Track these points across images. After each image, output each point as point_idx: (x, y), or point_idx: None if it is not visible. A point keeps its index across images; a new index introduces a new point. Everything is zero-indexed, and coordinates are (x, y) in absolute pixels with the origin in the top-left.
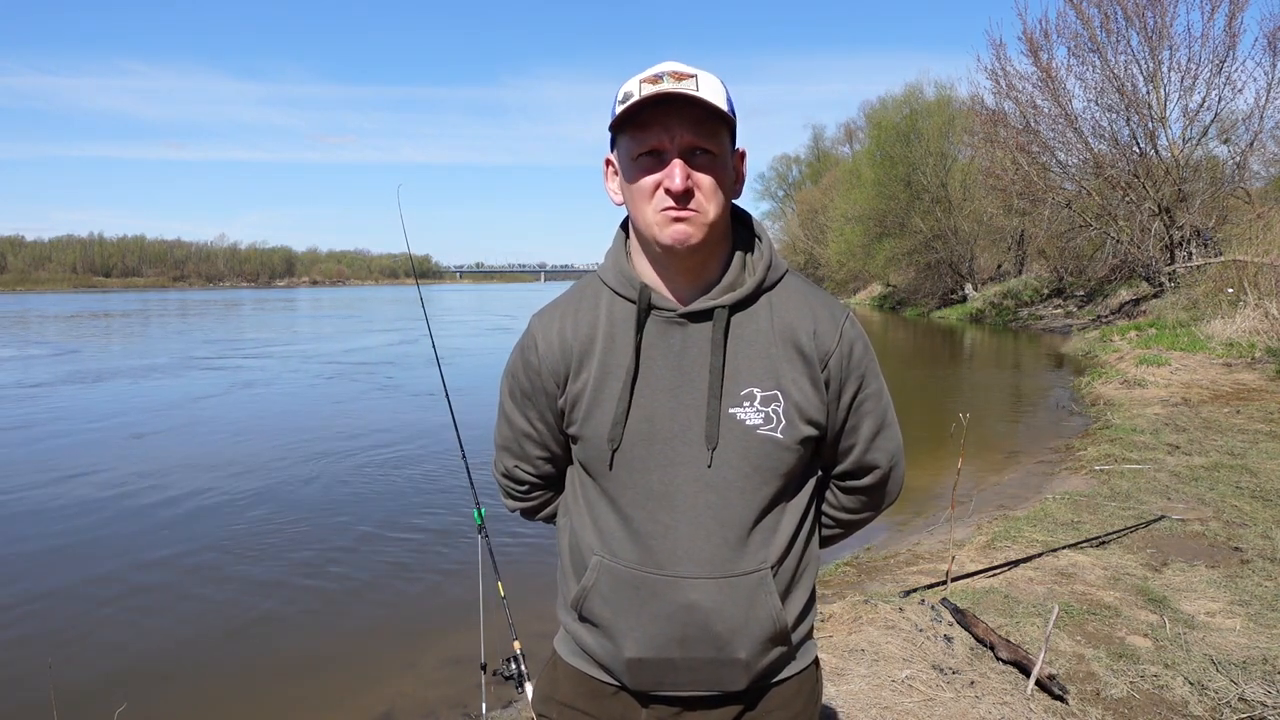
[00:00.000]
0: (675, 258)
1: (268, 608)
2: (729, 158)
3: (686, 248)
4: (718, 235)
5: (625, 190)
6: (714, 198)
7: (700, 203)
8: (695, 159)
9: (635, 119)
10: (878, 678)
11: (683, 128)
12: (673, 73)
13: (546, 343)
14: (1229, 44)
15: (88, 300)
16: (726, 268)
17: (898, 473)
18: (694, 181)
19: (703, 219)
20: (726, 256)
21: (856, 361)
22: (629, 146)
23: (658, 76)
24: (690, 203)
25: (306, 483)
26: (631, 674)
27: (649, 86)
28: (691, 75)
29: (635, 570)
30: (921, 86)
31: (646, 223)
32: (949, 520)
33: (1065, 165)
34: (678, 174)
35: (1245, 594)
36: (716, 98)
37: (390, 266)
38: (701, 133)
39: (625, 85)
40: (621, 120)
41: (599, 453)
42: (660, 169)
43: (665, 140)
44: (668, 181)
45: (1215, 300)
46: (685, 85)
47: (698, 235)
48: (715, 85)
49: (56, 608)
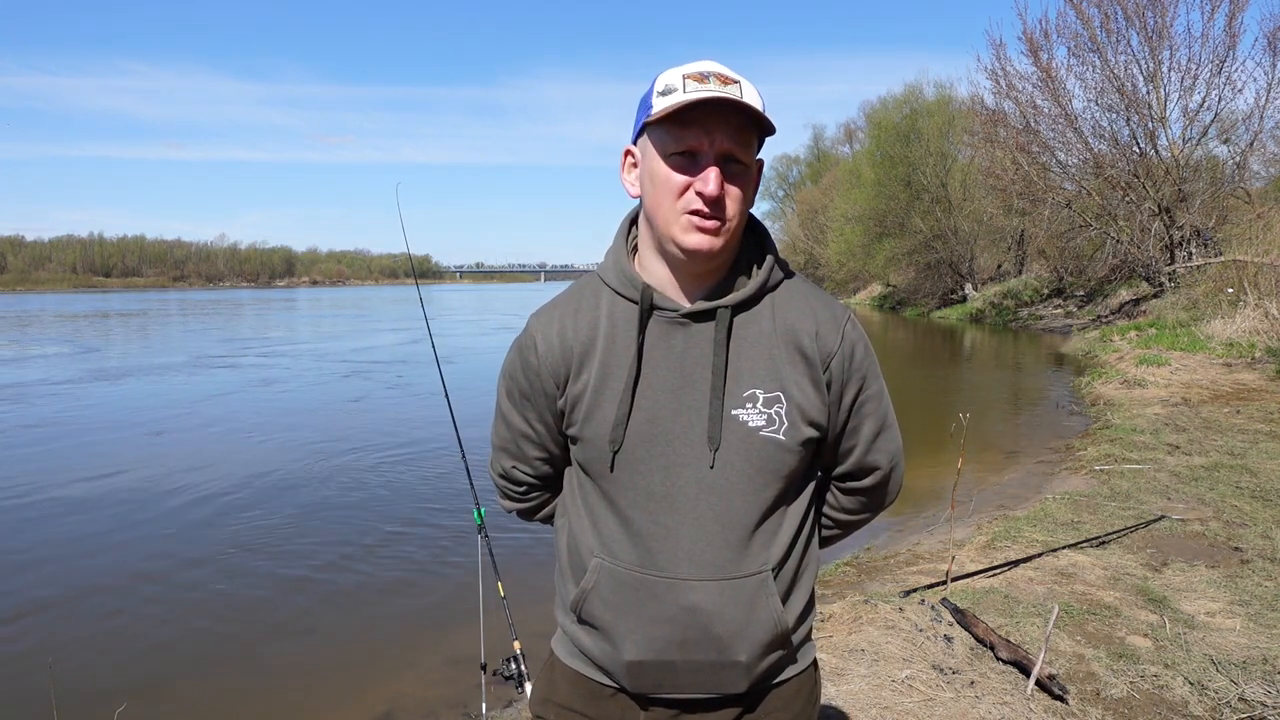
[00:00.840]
0: (691, 262)
1: (268, 608)
2: (754, 169)
3: (704, 255)
4: (734, 244)
5: (647, 184)
6: (740, 208)
7: (728, 212)
8: (728, 167)
9: (677, 116)
10: (878, 678)
11: (724, 134)
12: (719, 75)
13: (546, 343)
14: (1229, 44)
15: (92, 300)
16: (732, 270)
17: (897, 474)
18: (725, 190)
19: (727, 229)
20: (733, 259)
21: (858, 363)
22: (663, 142)
23: (704, 76)
24: (720, 211)
25: (307, 482)
26: (631, 676)
27: (695, 84)
28: (736, 81)
29: (635, 572)
30: (922, 86)
31: (667, 221)
32: (949, 520)
33: (1065, 165)
34: (713, 180)
35: (1245, 594)
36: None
37: (390, 266)
38: (739, 141)
39: (665, 77)
40: (668, 114)
41: (600, 454)
42: (693, 171)
43: (704, 143)
44: (700, 184)
45: (1215, 300)
46: (731, 90)
47: (719, 244)
48: (755, 95)
49: (57, 607)
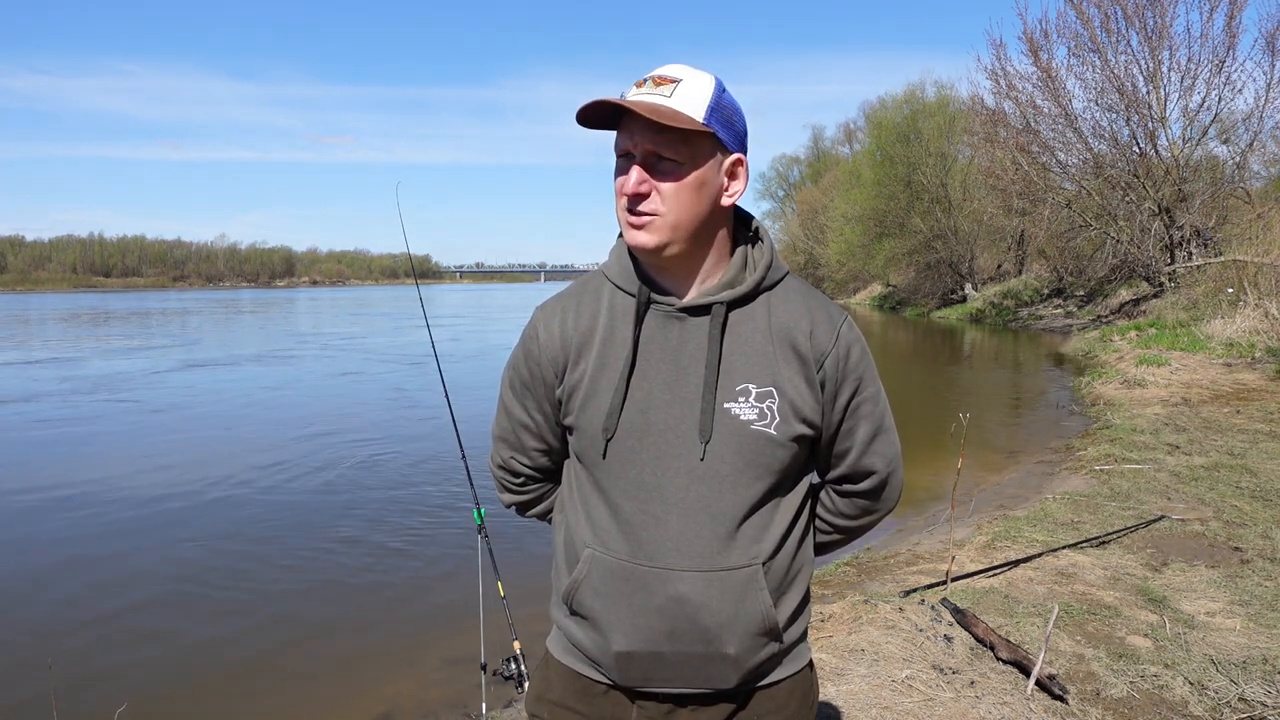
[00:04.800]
0: (642, 257)
1: (268, 608)
2: (707, 165)
3: (645, 250)
4: (687, 238)
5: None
6: (674, 204)
7: (655, 207)
8: (658, 165)
9: (615, 123)
10: (878, 678)
11: (643, 135)
12: (658, 77)
13: (548, 333)
14: (1228, 44)
15: (127, 300)
16: (727, 267)
17: (896, 479)
18: (652, 187)
19: (660, 223)
20: (726, 256)
21: (853, 364)
22: (615, 147)
23: (644, 80)
24: (643, 206)
25: (308, 481)
26: (620, 668)
27: (633, 90)
28: (675, 80)
29: (625, 562)
30: (923, 86)
31: (620, 220)
32: (949, 520)
33: (1065, 165)
34: (633, 177)
35: (1245, 594)
36: (685, 106)
37: (390, 266)
38: (660, 141)
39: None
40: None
41: (593, 443)
42: (627, 171)
43: (630, 145)
44: (624, 184)
45: (1215, 300)
46: (659, 92)
47: (653, 239)
48: (694, 94)
49: (57, 606)
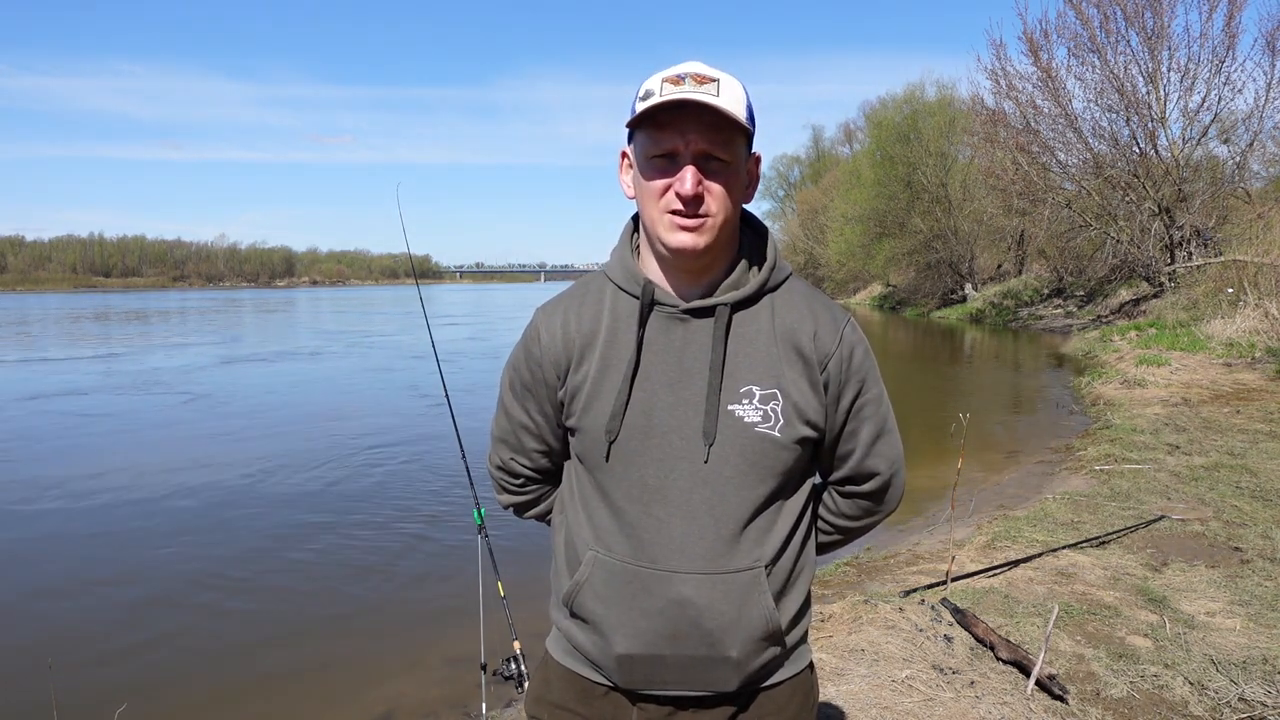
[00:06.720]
0: (680, 260)
1: (268, 608)
2: (743, 165)
3: (692, 253)
4: (725, 240)
5: (638, 187)
6: (724, 205)
7: (709, 209)
8: (708, 165)
9: (653, 119)
10: (878, 678)
11: (698, 134)
12: (695, 75)
13: (549, 334)
14: (1228, 44)
15: (127, 299)
16: (732, 268)
17: (898, 480)
18: (705, 188)
19: (710, 225)
20: (732, 257)
21: (856, 366)
22: (645, 145)
23: (680, 78)
24: (699, 209)
25: (309, 481)
26: (621, 671)
27: (670, 87)
28: (714, 79)
29: (628, 564)
30: (923, 86)
31: (653, 222)
32: (949, 520)
33: (1065, 165)
34: (689, 179)
35: (1245, 594)
36: (735, 106)
37: (390, 266)
38: (716, 140)
39: (648, 81)
40: (640, 119)
41: (596, 445)
42: (673, 172)
43: (679, 144)
44: (678, 185)
45: (1215, 300)
46: (705, 90)
47: (704, 242)
48: (736, 92)
49: (57, 606)
